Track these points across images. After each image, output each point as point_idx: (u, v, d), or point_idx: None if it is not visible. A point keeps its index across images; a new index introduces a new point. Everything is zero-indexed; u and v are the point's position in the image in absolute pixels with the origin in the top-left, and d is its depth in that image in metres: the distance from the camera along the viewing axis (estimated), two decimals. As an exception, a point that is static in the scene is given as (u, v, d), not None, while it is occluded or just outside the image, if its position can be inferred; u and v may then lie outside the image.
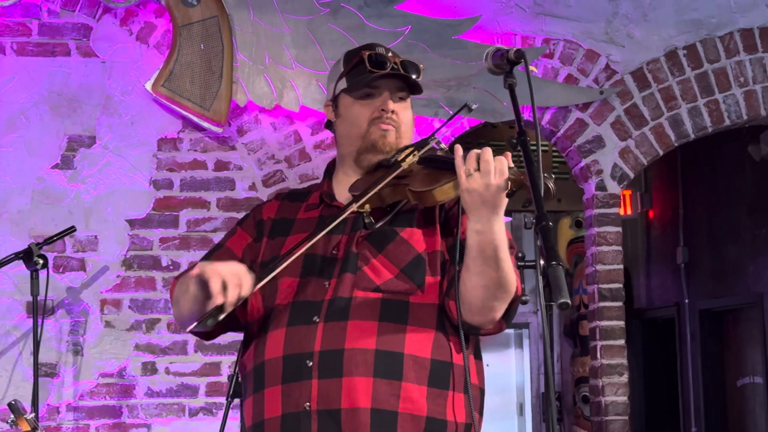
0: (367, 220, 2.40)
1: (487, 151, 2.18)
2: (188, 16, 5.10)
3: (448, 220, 2.42)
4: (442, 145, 2.51)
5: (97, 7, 5.16)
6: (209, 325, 2.24)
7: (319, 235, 2.35)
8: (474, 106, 2.50)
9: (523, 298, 2.22)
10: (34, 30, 5.15)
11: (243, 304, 2.36)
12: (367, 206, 2.39)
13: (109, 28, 5.19)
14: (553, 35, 5.49)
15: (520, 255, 2.29)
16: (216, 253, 2.53)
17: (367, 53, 2.50)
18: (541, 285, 2.11)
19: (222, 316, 2.23)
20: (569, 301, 1.94)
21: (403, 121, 2.51)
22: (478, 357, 2.45)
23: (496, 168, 2.16)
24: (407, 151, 2.45)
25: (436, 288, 2.37)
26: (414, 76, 2.51)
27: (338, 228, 2.40)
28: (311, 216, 2.51)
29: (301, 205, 2.56)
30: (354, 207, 2.37)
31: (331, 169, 2.61)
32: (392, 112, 2.49)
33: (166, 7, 5.09)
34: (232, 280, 2.20)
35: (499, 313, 2.33)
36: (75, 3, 5.15)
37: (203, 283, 2.23)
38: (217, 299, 2.20)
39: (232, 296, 2.20)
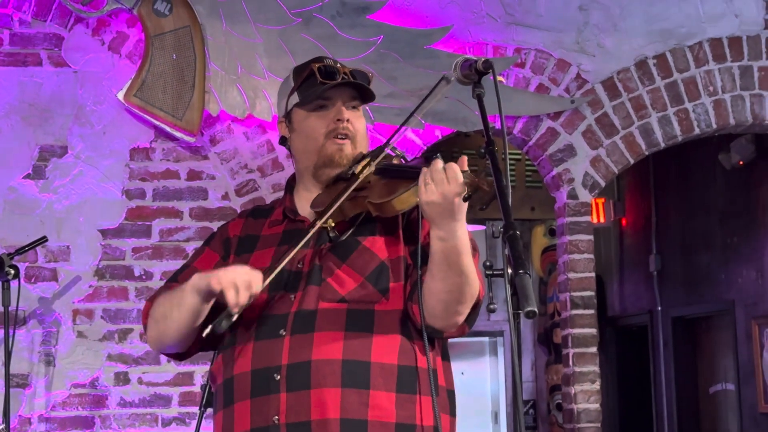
0: (332, 234, 2.43)
1: (437, 162, 2.21)
2: (160, 26, 5.10)
3: (410, 225, 2.44)
4: (398, 151, 2.52)
5: (69, 17, 5.15)
6: (224, 328, 2.28)
7: (297, 247, 2.36)
8: (452, 78, 2.48)
9: (491, 306, 2.23)
10: (6, 40, 5.14)
11: None
12: (330, 221, 2.41)
13: (81, 38, 5.18)
14: (525, 45, 5.52)
15: (488, 264, 2.30)
16: (182, 275, 2.55)
17: (317, 65, 2.52)
18: (509, 293, 2.13)
19: (235, 317, 2.28)
20: (536, 309, 1.96)
21: (358, 131, 2.53)
22: (446, 358, 2.48)
23: (448, 176, 2.19)
24: (364, 162, 2.46)
25: (401, 294, 2.39)
26: (365, 85, 2.53)
27: (304, 243, 2.41)
28: (275, 232, 2.53)
29: (265, 222, 2.58)
30: (319, 224, 2.39)
31: (291, 184, 2.62)
32: (347, 121, 2.50)
33: (138, 17, 5.09)
34: (243, 283, 2.25)
35: (462, 317, 2.35)
36: (47, 13, 5.14)
37: (209, 294, 2.29)
38: (235, 309, 2.25)
39: (244, 298, 2.25)
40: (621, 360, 9.17)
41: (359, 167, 2.44)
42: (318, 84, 2.50)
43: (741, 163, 7.19)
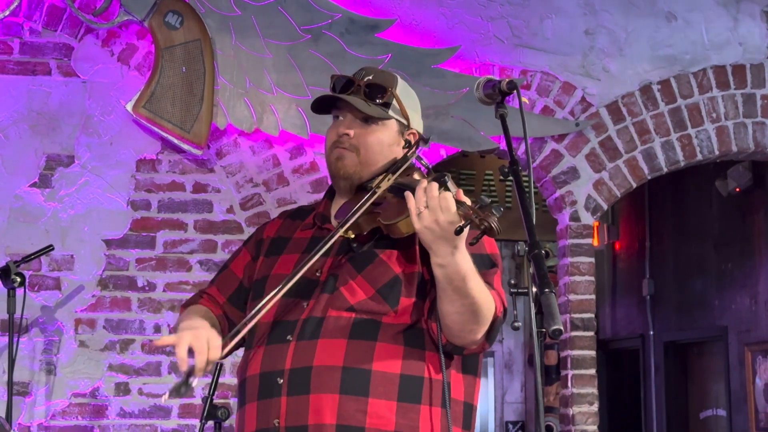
0: (354, 245, 2.44)
1: (433, 187, 2.20)
2: (171, 38, 5.12)
3: None
4: (423, 161, 2.51)
5: (80, 28, 5.17)
6: (183, 393, 2.26)
7: (300, 273, 2.37)
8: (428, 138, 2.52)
9: (515, 324, 2.25)
10: (16, 48, 5.16)
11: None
12: (350, 233, 2.41)
13: (91, 48, 5.20)
14: (531, 67, 5.56)
15: (512, 282, 2.31)
16: (221, 275, 2.67)
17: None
18: (533, 311, 2.15)
19: (195, 382, 2.26)
20: (562, 328, 1.97)
21: (362, 144, 2.51)
22: (469, 372, 2.48)
23: (441, 205, 2.17)
24: (383, 176, 2.46)
25: (410, 309, 2.39)
26: (374, 99, 2.50)
27: (325, 251, 2.43)
28: (304, 236, 2.57)
29: (300, 224, 2.62)
30: (338, 235, 2.40)
31: (333, 190, 2.65)
32: (346, 135, 2.50)
33: (149, 29, 5.11)
34: (200, 346, 2.27)
35: (478, 335, 2.35)
36: (57, 23, 5.16)
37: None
38: (183, 366, 2.25)
39: (200, 362, 2.26)
40: (612, 383, 9.18)
41: (377, 181, 2.45)
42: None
43: (737, 190, 7.23)
